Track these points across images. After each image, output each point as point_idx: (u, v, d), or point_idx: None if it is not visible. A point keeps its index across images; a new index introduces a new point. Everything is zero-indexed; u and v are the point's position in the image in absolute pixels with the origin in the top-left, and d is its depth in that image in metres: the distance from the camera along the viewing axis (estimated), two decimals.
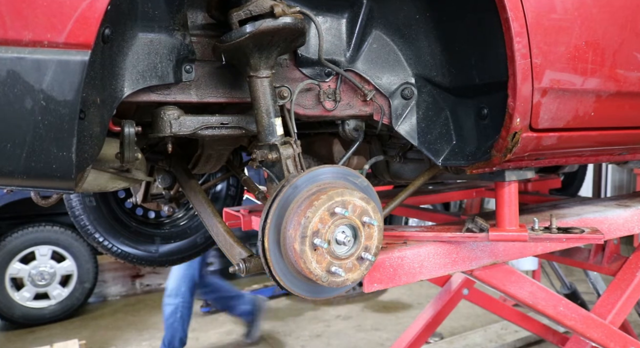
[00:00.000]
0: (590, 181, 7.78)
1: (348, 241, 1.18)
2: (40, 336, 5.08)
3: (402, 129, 1.53)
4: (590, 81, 1.37)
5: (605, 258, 2.44)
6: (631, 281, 2.06)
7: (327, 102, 1.48)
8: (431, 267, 1.55)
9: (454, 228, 1.60)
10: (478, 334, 4.57)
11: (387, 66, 1.51)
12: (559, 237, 1.53)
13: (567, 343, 2.34)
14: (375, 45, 1.50)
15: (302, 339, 4.84)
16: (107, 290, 6.54)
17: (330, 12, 1.45)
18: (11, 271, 5.21)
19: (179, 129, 1.34)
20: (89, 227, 2.49)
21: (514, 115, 1.28)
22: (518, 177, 1.56)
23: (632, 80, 1.45)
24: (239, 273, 1.37)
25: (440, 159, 1.51)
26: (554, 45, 1.28)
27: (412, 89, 1.53)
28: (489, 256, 1.64)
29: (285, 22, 1.19)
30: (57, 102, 0.96)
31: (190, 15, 1.33)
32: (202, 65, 1.35)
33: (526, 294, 1.76)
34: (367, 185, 1.29)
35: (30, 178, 1.01)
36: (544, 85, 1.28)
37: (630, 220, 1.94)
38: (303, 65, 1.45)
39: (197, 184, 1.89)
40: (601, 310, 2.00)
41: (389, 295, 6.01)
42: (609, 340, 1.89)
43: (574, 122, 1.40)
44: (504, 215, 1.56)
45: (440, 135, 1.52)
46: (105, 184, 1.63)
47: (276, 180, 1.35)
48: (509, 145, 1.32)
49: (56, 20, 0.94)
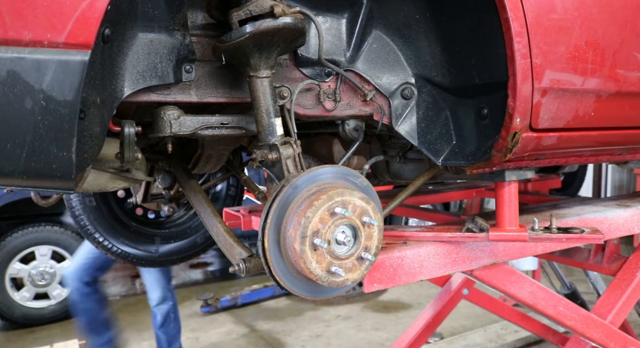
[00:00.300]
0: (590, 181, 7.78)
1: (348, 241, 1.18)
2: (40, 336, 5.08)
3: (402, 129, 1.53)
4: (590, 81, 1.37)
5: (605, 258, 2.44)
6: (631, 281, 2.06)
7: (327, 102, 1.48)
8: (431, 267, 1.55)
9: (454, 228, 1.60)
10: (478, 334, 4.57)
11: (387, 66, 1.51)
12: (559, 237, 1.53)
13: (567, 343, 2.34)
14: (375, 45, 1.50)
15: (302, 339, 4.84)
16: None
17: (330, 12, 1.45)
18: (11, 271, 5.21)
19: (179, 129, 1.34)
20: (89, 227, 2.49)
21: (514, 115, 1.28)
22: (518, 177, 1.56)
23: (632, 80, 1.45)
24: (239, 273, 1.37)
25: (440, 159, 1.51)
26: (554, 45, 1.28)
27: (412, 89, 1.53)
28: (489, 256, 1.64)
29: (285, 22, 1.19)
30: (57, 102, 0.96)
31: (190, 15, 1.33)
32: (202, 65, 1.35)
33: (526, 294, 1.76)
34: (367, 185, 1.29)
35: (30, 179, 1.01)
36: (544, 85, 1.28)
37: (630, 220, 1.94)
38: (303, 65, 1.45)
39: (197, 184, 1.89)
40: (601, 310, 2.00)
41: (389, 295, 6.01)
42: (609, 340, 1.89)
43: (574, 122, 1.40)
44: (504, 215, 1.56)
45: (440, 135, 1.52)
46: (105, 184, 1.63)
47: (276, 180, 1.35)
48: (509, 145, 1.32)
49: (56, 20, 0.94)
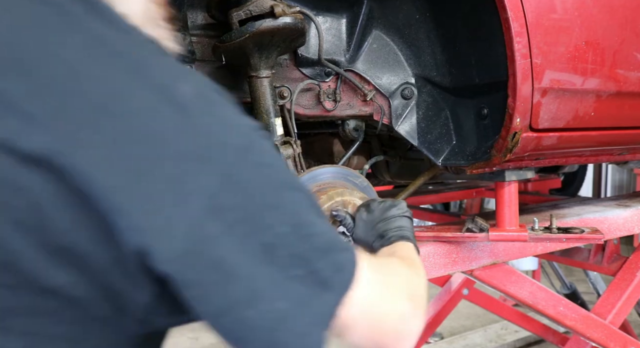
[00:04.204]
0: (590, 181, 7.78)
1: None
2: None
3: (402, 129, 1.53)
4: (590, 81, 1.37)
5: (605, 258, 2.44)
6: (631, 281, 2.06)
7: (327, 102, 1.48)
8: (431, 267, 1.55)
9: (454, 228, 1.60)
10: (478, 334, 4.57)
11: (387, 66, 1.52)
12: (559, 237, 1.53)
13: (567, 343, 2.34)
14: (375, 45, 1.50)
15: None
16: None
17: (330, 12, 1.45)
18: None
19: None
20: None
21: (514, 115, 1.28)
22: (518, 177, 1.56)
23: (632, 80, 1.45)
24: None
25: (440, 159, 1.51)
26: (554, 45, 1.28)
27: (412, 89, 1.53)
28: (489, 256, 1.64)
29: (285, 22, 1.19)
30: None
31: (190, 15, 1.33)
32: (202, 65, 1.35)
33: (526, 294, 1.76)
34: (367, 185, 1.30)
35: None
36: (544, 85, 1.28)
37: (630, 220, 1.94)
38: (303, 65, 1.45)
39: None
40: (601, 310, 2.00)
41: None
42: (609, 340, 1.89)
43: (574, 122, 1.40)
44: (504, 215, 1.56)
45: (440, 135, 1.52)
46: None
47: None
48: (509, 145, 1.32)
49: None
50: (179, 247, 0.49)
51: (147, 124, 0.50)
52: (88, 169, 0.48)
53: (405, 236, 0.97)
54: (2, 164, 0.47)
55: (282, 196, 0.55)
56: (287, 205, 0.55)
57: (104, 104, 0.50)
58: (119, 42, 0.54)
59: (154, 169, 0.50)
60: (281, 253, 0.53)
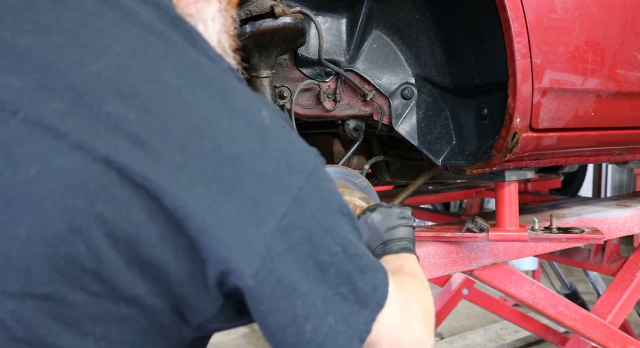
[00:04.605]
0: (590, 181, 7.78)
1: None
2: None
3: (402, 129, 1.53)
4: (590, 81, 1.37)
5: (605, 258, 2.44)
6: (631, 281, 2.06)
7: (327, 102, 1.48)
8: (431, 267, 1.55)
9: (454, 228, 1.61)
10: (478, 334, 4.57)
11: (387, 66, 1.52)
12: (559, 237, 1.53)
13: (567, 343, 2.34)
14: (375, 45, 1.50)
15: None
16: None
17: (330, 12, 1.45)
18: None
19: None
20: None
21: (514, 115, 1.28)
22: (518, 177, 1.56)
23: (632, 80, 1.45)
24: None
25: (440, 159, 1.51)
26: (554, 45, 1.28)
27: (412, 89, 1.53)
28: (489, 256, 1.64)
29: (285, 22, 1.19)
30: None
31: None
32: None
33: (526, 294, 1.76)
34: (367, 185, 1.30)
35: None
36: (544, 85, 1.28)
37: (630, 220, 1.94)
38: (303, 65, 1.45)
39: None
40: (601, 310, 2.00)
41: None
42: (609, 340, 1.89)
43: (574, 122, 1.40)
44: (504, 215, 1.56)
45: (440, 135, 1.52)
46: None
47: None
48: (509, 145, 1.32)
49: None
50: (257, 265, 0.53)
51: (232, 147, 0.54)
52: (177, 187, 0.51)
53: (408, 248, 1.00)
54: (108, 179, 0.51)
55: (337, 219, 0.60)
56: (340, 228, 0.60)
57: (196, 127, 0.53)
58: (209, 68, 0.58)
59: (236, 189, 0.53)
60: (331, 272, 0.58)
